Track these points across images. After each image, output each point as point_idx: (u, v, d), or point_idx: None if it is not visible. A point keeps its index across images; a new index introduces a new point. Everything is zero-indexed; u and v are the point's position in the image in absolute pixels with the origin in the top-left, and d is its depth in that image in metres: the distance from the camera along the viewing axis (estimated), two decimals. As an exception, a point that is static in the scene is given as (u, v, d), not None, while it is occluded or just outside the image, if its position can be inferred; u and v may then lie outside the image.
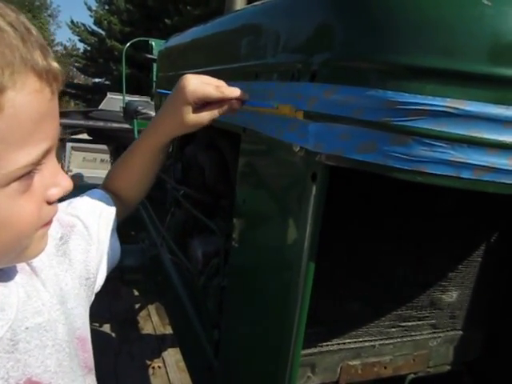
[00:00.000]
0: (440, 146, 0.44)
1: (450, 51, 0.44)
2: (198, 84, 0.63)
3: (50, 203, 0.45)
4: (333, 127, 0.49)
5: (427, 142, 0.44)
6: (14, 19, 0.38)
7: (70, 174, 5.02)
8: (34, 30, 0.40)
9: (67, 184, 0.46)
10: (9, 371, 0.46)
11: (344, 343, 0.78)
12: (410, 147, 0.44)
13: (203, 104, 0.64)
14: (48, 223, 0.46)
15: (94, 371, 0.62)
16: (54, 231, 0.56)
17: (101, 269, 0.66)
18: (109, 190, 0.73)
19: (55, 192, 0.45)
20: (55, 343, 0.53)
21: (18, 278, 0.51)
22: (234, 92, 0.65)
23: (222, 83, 0.65)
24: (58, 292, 0.55)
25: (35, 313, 0.51)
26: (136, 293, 3.05)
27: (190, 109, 0.63)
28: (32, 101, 0.38)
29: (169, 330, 2.73)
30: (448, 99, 0.43)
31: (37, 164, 0.41)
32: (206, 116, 0.64)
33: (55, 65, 0.41)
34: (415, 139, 0.44)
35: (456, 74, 0.43)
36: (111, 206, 0.70)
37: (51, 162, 0.44)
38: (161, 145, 0.70)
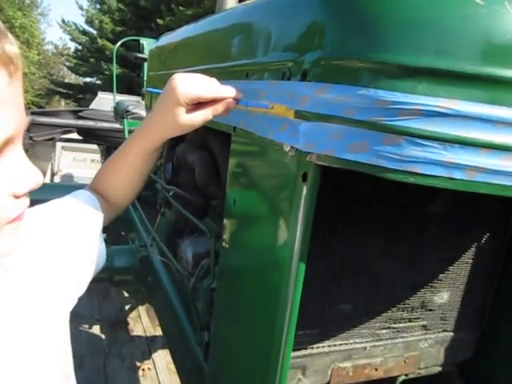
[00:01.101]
0: (432, 147, 0.43)
1: (442, 50, 0.43)
2: (189, 84, 0.60)
3: (17, 197, 0.43)
4: (324, 127, 0.49)
5: (419, 142, 0.43)
6: None
7: (59, 173, 4.97)
8: None
9: (36, 177, 0.44)
10: None
11: (335, 345, 0.77)
12: (401, 147, 0.44)
13: (196, 104, 0.61)
14: (17, 218, 0.44)
15: (73, 378, 0.60)
16: (34, 229, 0.55)
17: (85, 273, 0.65)
18: (96, 191, 0.71)
19: (22, 185, 0.42)
20: (27, 346, 0.51)
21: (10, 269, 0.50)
22: (228, 91, 0.62)
23: (214, 81, 0.63)
24: (32, 291, 0.54)
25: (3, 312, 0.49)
26: (126, 294, 3.03)
27: (182, 110, 0.61)
28: None
29: (159, 332, 2.71)
30: (440, 99, 0.43)
31: None
32: (199, 117, 0.62)
33: (10, 47, 0.38)
34: (407, 139, 0.43)
35: (448, 73, 0.43)
36: (97, 208, 0.68)
37: (16, 153, 0.42)
38: (152, 147, 0.68)
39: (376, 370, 0.81)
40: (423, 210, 0.77)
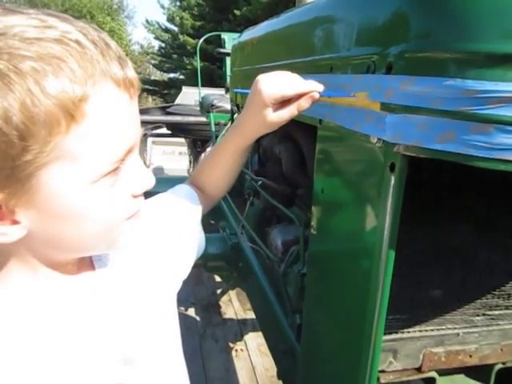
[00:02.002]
0: (524, 133, 0.43)
1: (533, 35, 0.43)
2: (273, 85, 0.64)
3: (135, 197, 0.50)
4: (410, 118, 0.50)
5: (510, 129, 0.43)
6: (96, 37, 0.43)
7: (151, 166, 5.30)
8: (113, 45, 0.45)
9: (149, 179, 0.51)
10: (111, 346, 0.53)
11: (426, 330, 0.78)
12: (491, 135, 0.44)
13: (281, 102, 0.66)
14: (133, 216, 0.51)
15: (181, 351, 0.68)
16: (144, 222, 0.63)
17: (188, 258, 0.73)
18: (195, 185, 0.79)
19: (139, 187, 0.50)
20: (147, 323, 0.59)
21: (112, 263, 0.58)
22: (309, 85, 0.65)
23: (295, 78, 0.66)
24: (147, 277, 0.62)
25: (128, 296, 0.58)
26: (218, 279, 3.19)
27: (269, 110, 0.66)
28: (113, 106, 0.43)
29: (249, 315, 2.83)
30: (532, 85, 0.42)
31: (121, 161, 0.46)
32: (285, 114, 0.66)
33: (131, 73, 0.45)
34: (497, 127, 0.43)
35: (540, 58, 0.42)
36: (196, 200, 0.76)
37: (135, 159, 0.49)
38: (244, 145, 0.74)
39: (470, 356, 0.80)
40: (519, 194, 0.74)
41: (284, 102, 0.66)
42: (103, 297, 0.54)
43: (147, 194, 0.53)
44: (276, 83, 0.65)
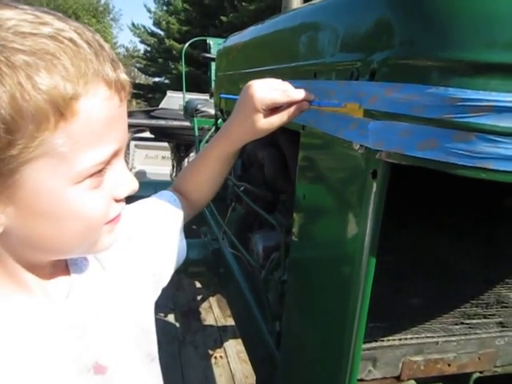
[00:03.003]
0: (505, 142, 0.43)
1: (515, 45, 0.43)
2: (266, 91, 0.64)
3: (117, 201, 0.49)
4: (393, 125, 0.50)
5: (492, 138, 0.43)
6: (90, 37, 0.42)
7: (133, 170, 5.25)
8: (106, 47, 0.44)
9: (133, 184, 0.50)
10: (81, 354, 0.51)
11: (406, 338, 0.78)
12: (473, 144, 0.44)
13: (270, 109, 0.65)
14: (115, 220, 0.50)
15: (157, 360, 0.66)
16: (123, 228, 0.61)
17: (167, 266, 0.71)
18: (178, 191, 0.77)
19: (122, 190, 0.49)
20: (122, 331, 0.57)
21: (88, 269, 0.56)
22: (301, 94, 0.66)
23: (287, 86, 0.67)
24: (124, 284, 0.60)
25: (103, 303, 0.56)
26: (198, 285, 3.16)
27: (259, 116, 0.65)
28: (103, 107, 0.42)
29: (229, 322, 2.81)
30: (513, 94, 0.42)
31: (107, 163, 0.45)
32: (276, 121, 0.66)
33: (123, 76, 0.45)
34: (478, 135, 0.44)
35: (522, 68, 0.43)
36: (179, 207, 0.74)
37: (120, 163, 0.48)
38: (232, 151, 0.73)
39: (449, 365, 0.81)
40: (497, 204, 0.75)
41: (273, 110, 0.66)
42: (76, 303, 0.52)
43: (129, 198, 0.52)
44: (268, 89, 0.65)
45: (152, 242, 0.68)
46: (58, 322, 0.49)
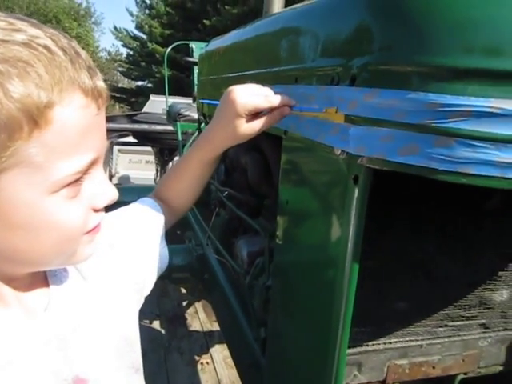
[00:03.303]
0: (484, 147, 0.43)
1: (492, 50, 0.43)
2: (248, 96, 0.64)
3: (96, 211, 0.48)
4: (374, 130, 0.50)
5: (471, 143, 0.44)
6: (66, 44, 0.42)
7: (117, 175, 5.20)
8: (83, 54, 0.43)
9: (112, 193, 0.49)
10: (60, 368, 0.49)
11: (390, 342, 0.78)
12: (453, 149, 0.44)
13: (252, 115, 0.65)
14: (94, 229, 0.49)
15: (141, 371, 0.65)
16: (103, 237, 0.60)
17: (149, 275, 0.70)
18: (159, 198, 0.76)
19: (101, 200, 0.48)
20: (103, 343, 0.56)
21: (68, 280, 0.55)
22: (282, 100, 0.66)
23: (269, 92, 0.67)
24: (106, 294, 0.59)
25: (83, 314, 0.54)
26: (183, 291, 3.13)
27: (241, 121, 0.65)
28: (78, 115, 0.42)
29: (216, 327, 2.79)
30: (491, 99, 0.43)
31: (84, 173, 0.44)
32: (257, 126, 0.66)
33: (100, 83, 0.44)
34: (458, 141, 0.44)
35: (500, 73, 0.43)
36: (160, 214, 0.73)
37: (98, 172, 0.47)
38: (213, 156, 0.72)
39: (433, 368, 0.81)
40: (479, 206, 0.76)
41: (254, 115, 0.66)
42: (55, 315, 0.51)
43: (110, 204, 0.51)
44: (250, 94, 0.65)
45: (134, 251, 0.67)
46: (35, 335, 0.48)
